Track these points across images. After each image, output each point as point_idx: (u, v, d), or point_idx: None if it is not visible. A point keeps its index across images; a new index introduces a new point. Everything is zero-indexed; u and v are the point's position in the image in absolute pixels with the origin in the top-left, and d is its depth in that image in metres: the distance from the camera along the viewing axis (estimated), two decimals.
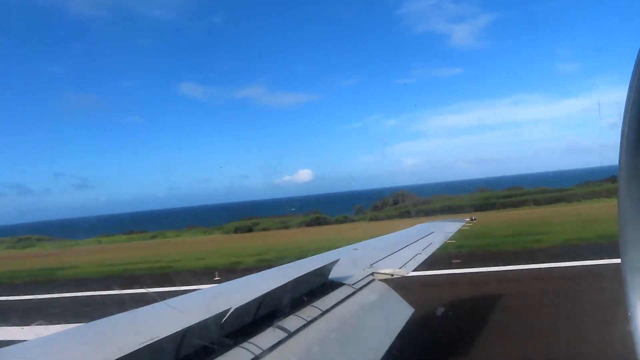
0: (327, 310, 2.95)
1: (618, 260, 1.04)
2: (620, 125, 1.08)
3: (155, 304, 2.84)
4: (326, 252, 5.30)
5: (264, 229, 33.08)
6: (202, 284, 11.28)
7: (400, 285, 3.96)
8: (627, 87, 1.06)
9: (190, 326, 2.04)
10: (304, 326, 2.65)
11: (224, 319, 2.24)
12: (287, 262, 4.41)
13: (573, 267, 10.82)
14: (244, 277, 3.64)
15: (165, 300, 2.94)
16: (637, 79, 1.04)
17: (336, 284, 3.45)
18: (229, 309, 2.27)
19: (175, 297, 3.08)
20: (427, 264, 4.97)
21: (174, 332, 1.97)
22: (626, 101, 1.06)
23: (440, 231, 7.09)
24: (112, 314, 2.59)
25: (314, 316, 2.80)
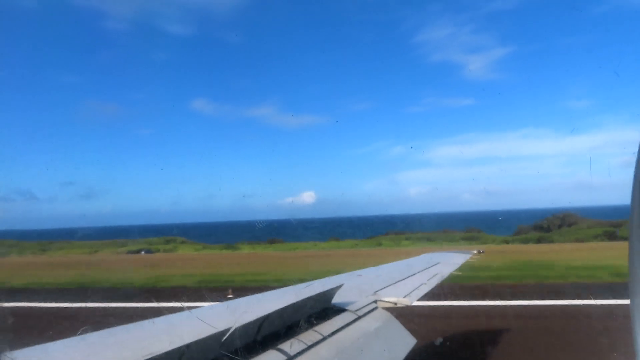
0: (328, 336, 2.92)
1: None
2: (630, 161, 1.08)
3: (155, 319, 2.83)
4: (330, 277, 5.26)
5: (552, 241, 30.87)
6: None
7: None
8: None
9: (189, 343, 2.03)
10: (304, 350, 2.61)
11: (224, 338, 2.23)
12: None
13: None
14: (247, 296, 3.61)
15: (164, 316, 2.92)
16: None
17: (338, 310, 3.42)
18: (230, 328, 2.26)
19: (174, 314, 3.05)
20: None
21: (171, 348, 1.96)
22: None
23: (447, 262, 7.02)
24: None
25: (314, 341, 2.77)
